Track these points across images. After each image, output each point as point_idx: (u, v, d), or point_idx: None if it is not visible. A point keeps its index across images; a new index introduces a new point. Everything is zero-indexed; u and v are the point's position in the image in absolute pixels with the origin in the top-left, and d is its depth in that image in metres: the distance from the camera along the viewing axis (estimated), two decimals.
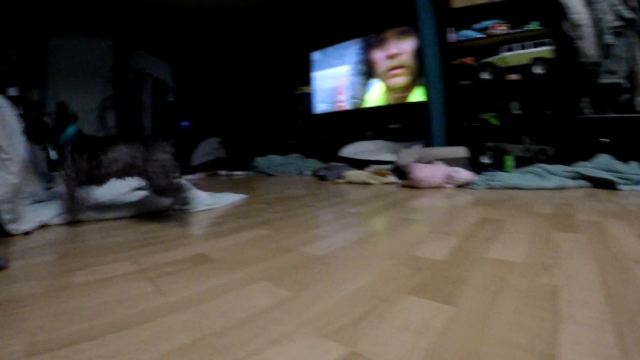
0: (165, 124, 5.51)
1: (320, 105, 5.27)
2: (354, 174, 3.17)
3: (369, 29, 4.68)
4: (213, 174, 4.55)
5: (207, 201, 2.14)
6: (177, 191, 1.77)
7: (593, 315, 0.76)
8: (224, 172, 4.54)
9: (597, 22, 2.97)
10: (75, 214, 1.80)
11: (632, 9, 2.91)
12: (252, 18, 5.08)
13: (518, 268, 1.06)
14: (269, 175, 4.17)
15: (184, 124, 5.43)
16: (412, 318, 0.74)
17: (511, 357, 0.61)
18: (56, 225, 1.82)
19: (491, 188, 2.52)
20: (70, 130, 1.76)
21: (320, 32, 5.20)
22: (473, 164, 3.23)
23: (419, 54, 4.10)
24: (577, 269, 1.05)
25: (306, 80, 5.43)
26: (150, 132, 5.30)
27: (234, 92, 5.90)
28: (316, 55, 5.30)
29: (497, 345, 0.65)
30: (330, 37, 5.11)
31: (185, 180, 3.49)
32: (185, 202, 1.80)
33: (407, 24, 4.26)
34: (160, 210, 2.02)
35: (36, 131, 1.74)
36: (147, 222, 1.84)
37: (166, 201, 1.86)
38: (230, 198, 2.29)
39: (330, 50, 5.13)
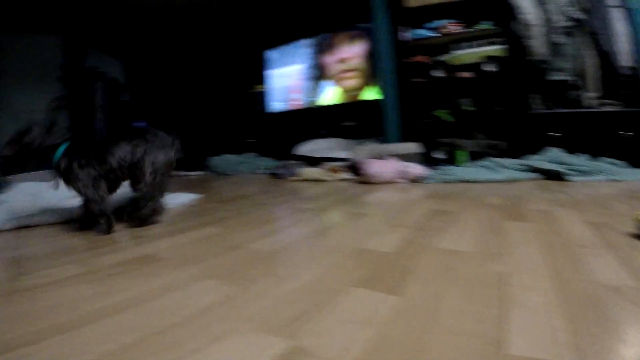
0: (119, 124, 5.30)
1: (275, 104, 5.19)
2: (308, 172, 3.13)
3: (323, 28, 4.65)
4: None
5: None
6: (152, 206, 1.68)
7: (542, 300, 0.75)
8: (180, 173, 4.40)
9: (547, 22, 3.05)
10: (109, 225, 1.59)
11: (581, 10, 3.00)
12: (207, 15, 4.95)
13: (467, 257, 1.05)
14: (225, 174, 4.08)
15: (139, 124, 5.24)
16: (357, 310, 0.73)
17: (457, 345, 0.60)
18: (3, 231, 1.71)
19: (444, 182, 2.54)
20: (61, 149, 1.58)
21: (274, 31, 5.12)
22: (427, 160, 3.26)
23: (371, 56, 4.14)
24: (527, 256, 1.05)
25: (261, 79, 5.33)
26: (103, 133, 5.06)
27: (190, 91, 5.74)
28: (270, 54, 5.22)
29: (443, 333, 0.64)
30: (285, 36, 5.03)
31: None
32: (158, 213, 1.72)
33: (360, 22, 4.24)
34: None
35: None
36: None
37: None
38: (183, 198, 2.24)
39: (284, 49, 5.06)
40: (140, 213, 1.64)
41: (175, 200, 2.16)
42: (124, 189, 1.73)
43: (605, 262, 0.97)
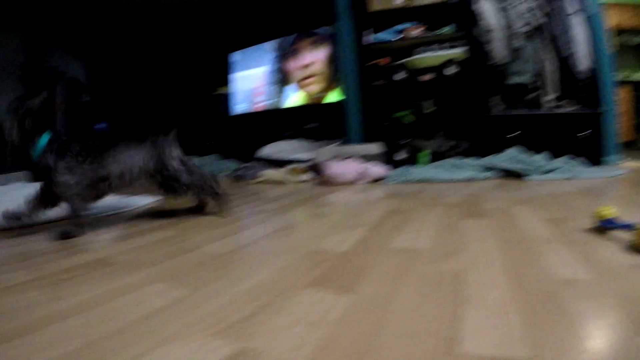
0: (80, 125, 5.09)
1: (239, 106, 5.10)
2: (270, 173, 3.07)
3: (287, 31, 4.61)
4: None
5: (118, 204, 1.98)
6: (208, 185, 1.63)
7: (497, 296, 0.73)
8: None
9: (507, 27, 3.10)
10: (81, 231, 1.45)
11: (541, 15, 3.05)
12: (171, 16, 4.84)
13: (423, 255, 1.02)
14: None
15: (100, 125, 5.12)
16: (307, 310, 0.71)
17: (408, 344, 0.58)
18: None
19: (404, 182, 2.51)
20: (44, 139, 1.40)
21: (239, 33, 5.05)
22: (389, 160, 3.26)
23: (333, 61, 4.13)
24: (483, 252, 1.02)
25: (225, 81, 5.23)
26: (64, 135, 4.83)
27: (152, 92, 5.58)
28: (234, 56, 5.13)
29: (395, 332, 0.62)
30: (249, 39, 4.97)
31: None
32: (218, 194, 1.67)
33: (324, 25, 4.22)
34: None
35: None
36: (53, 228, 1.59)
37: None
38: (141, 201, 2.15)
39: (248, 51, 5.00)
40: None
41: (135, 203, 2.08)
42: None
43: (561, 257, 0.94)
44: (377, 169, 2.59)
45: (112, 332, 0.67)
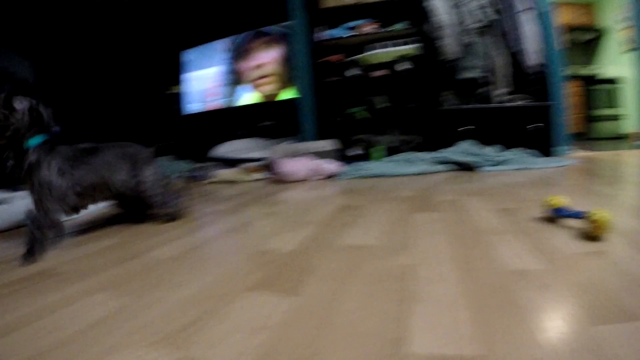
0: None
1: (193, 105, 4.94)
2: (224, 173, 2.97)
3: (241, 28, 4.50)
4: None
5: None
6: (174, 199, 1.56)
7: (447, 291, 0.71)
8: None
9: (459, 23, 3.11)
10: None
11: (493, 12, 3.09)
12: (123, 14, 4.67)
13: (372, 252, 0.97)
14: None
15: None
16: (249, 315, 0.68)
17: (353, 346, 0.56)
18: None
19: (357, 178, 2.46)
20: (36, 140, 1.26)
21: (192, 32, 4.90)
22: (343, 156, 3.24)
23: (287, 61, 4.08)
24: (433, 246, 0.97)
25: (178, 80, 5.06)
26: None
27: (105, 92, 5.32)
28: (187, 55, 4.97)
29: (340, 334, 0.59)
30: (202, 37, 4.82)
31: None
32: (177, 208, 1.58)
33: (277, 23, 4.14)
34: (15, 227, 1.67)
35: None
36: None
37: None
38: (91, 207, 1.96)
39: (202, 50, 4.85)
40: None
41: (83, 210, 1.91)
42: None
43: (512, 248, 0.91)
44: (330, 166, 2.52)
45: (53, 346, 0.64)
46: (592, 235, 0.93)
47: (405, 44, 3.34)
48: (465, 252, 0.90)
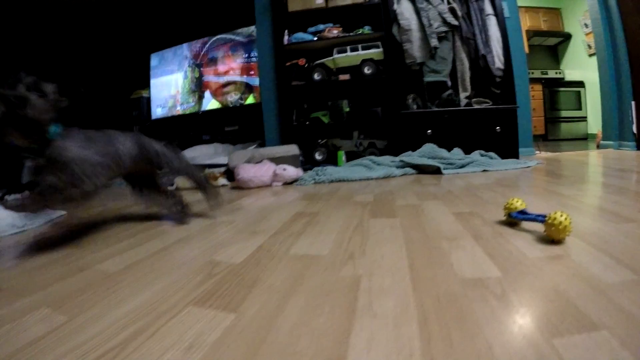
0: None
1: (158, 110, 4.80)
2: (183, 180, 2.82)
3: (208, 32, 4.43)
4: None
5: (19, 222, 1.72)
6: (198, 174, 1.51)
7: (396, 304, 0.65)
8: None
9: (424, 27, 3.10)
10: None
11: (457, 16, 3.10)
12: (86, 16, 4.52)
13: (322, 262, 0.90)
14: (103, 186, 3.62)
15: None
16: (185, 333, 0.63)
17: None
18: None
19: (319, 183, 2.39)
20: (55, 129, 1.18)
21: (157, 35, 4.79)
22: (307, 161, 3.23)
23: (250, 68, 4.06)
24: (387, 255, 0.91)
25: (143, 84, 4.91)
26: None
27: (68, 96, 5.10)
28: (153, 59, 4.84)
29: (277, 353, 0.55)
30: (167, 41, 4.73)
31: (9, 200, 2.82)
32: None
33: (243, 26, 4.09)
34: None
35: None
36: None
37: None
38: (45, 217, 1.90)
39: (166, 54, 4.74)
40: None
41: (35, 220, 1.84)
42: None
43: (470, 254, 0.85)
44: (292, 171, 2.44)
45: None
46: (552, 239, 0.87)
47: (371, 47, 3.31)
48: (419, 260, 0.84)
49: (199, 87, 4.48)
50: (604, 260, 0.76)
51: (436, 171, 2.41)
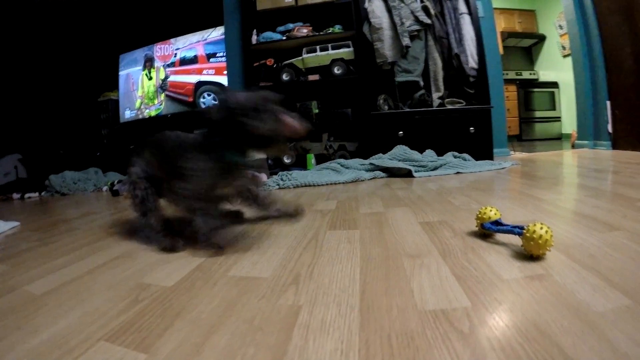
0: None
1: (127, 113, 4.60)
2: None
3: (176, 32, 4.28)
4: (5, 198, 3.65)
5: None
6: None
7: (335, 347, 0.53)
8: (16, 196, 3.65)
9: (396, 26, 3.00)
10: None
11: (430, 15, 3.00)
12: (52, 14, 4.31)
13: (261, 286, 0.77)
14: (63, 194, 3.44)
15: None
16: None
17: None
18: None
19: (284, 188, 2.24)
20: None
21: (125, 35, 4.62)
22: (276, 164, 3.12)
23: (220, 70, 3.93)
24: (336, 277, 0.78)
25: (112, 85, 4.71)
26: None
27: (35, 99, 4.85)
28: (122, 59, 4.65)
29: None
30: (136, 41, 4.55)
31: None
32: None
33: (212, 26, 3.95)
34: None
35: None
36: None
37: None
38: None
39: (136, 53, 4.56)
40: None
41: None
42: None
43: (435, 276, 0.72)
44: (257, 176, 2.29)
45: None
46: (531, 254, 0.74)
47: (341, 47, 3.22)
48: (374, 285, 0.71)
49: (166, 88, 4.31)
50: (591, 281, 0.64)
51: (407, 174, 2.31)
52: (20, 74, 4.84)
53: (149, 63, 4.48)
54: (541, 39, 5.97)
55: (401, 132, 2.90)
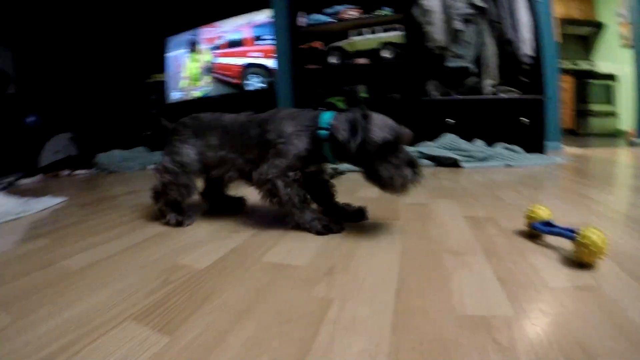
0: (7, 120, 4.57)
1: (174, 94, 4.71)
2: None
3: (224, 14, 4.28)
4: (55, 175, 3.83)
5: (14, 210, 1.70)
6: None
7: (362, 349, 0.50)
8: (65, 173, 3.84)
9: (448, 9, 2.90)
10: None
11: None
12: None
13: (294, 274, 0.76)
14: (111, 172, 3.58)
15: (30, 119, 4.59)
16: (111, 354, 0.54)
17: None
18: None
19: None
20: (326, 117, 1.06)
21: (172, 18, 4.68)
22: None
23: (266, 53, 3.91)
24: (373, 271, 0.76)
25: (161, 68, 4.82)
26: None
27: (86, 80, 5.07)
28: (169, 42, 4.75)
29: None
30: (184, 24, 4.61)
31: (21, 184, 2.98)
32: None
33: (258, 9, 3.92)
34: None
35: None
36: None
37: None
38: (44, 203, 1.87)
39: (183, 36, 4.64)
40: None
41: (32, 206, 1.79)
42: None
43: (477, 277, 0.69)
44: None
45: None
46: (581, 261, 0.71)
47: (390, 30, 3.15)
48: (411, 283, 0.69)
49: (213, 70, 4.36)
50: None
51: (455, 164, 2.25)
52: (74, 58, 5.04)
53: (193, 46, 4.54)
54: (599, 27, 5.61)
55: (451, 120, 2.82)
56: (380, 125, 0.97)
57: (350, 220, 1.14)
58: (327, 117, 1.04)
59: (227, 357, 0.50)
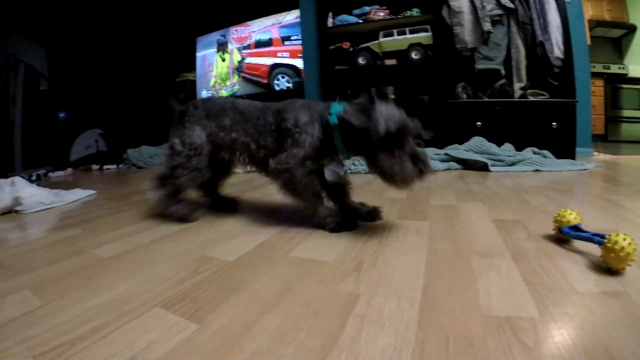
0: (39, 116, 4.74)
1: (203, 93, 4.80)
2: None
3: (250, 15, 4.34)
4: (85, 169, 3.98)
5: (46, 200, 1.77)
6: None
7: (389, 343, 0.51)
8: (96, 167, 3.97)
9: (476, 10, 2.86)
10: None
11: None
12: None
13: (322, 270, 0.79)
14: (139, 167, 3.68)
15: (62, 115, 4.75)
16: (139, 339, 0.56)
17: None
18: None
19: (354, 173, 2.26)
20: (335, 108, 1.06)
21: (202, 18, 4.77)
22: None
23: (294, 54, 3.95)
24: (400, 269, 0.78)
25: (190, 67, 4.91)
26: (20, 126, 4.48)
27: (116, 78, 5.21)
28: (200, 41, 4.84)
29: None
30: (213, 24, 4.69)
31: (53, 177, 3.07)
32: None
33: (287, 9, 3.96)
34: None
35: None
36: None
37: None
38: (75, 195, 1.97)
39: (213, 36, 4.71)
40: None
41: (63, 198, 1.88)
42: None
43: (504, 279, 0.70)
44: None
45: None
46: (609, 267, 0.71)
47: (419, 31, 3.14)
48: (439, 282, 0.70)
49: (242, 70, 4.42)
50: None
51: (483, 168, 2.24)
52: (105, 57, 5.18)
53: (222, 46, 4.60)
54: (632, 29, 5.43)
55: (479, 123, 2.80)
56: (386, 115, 0.93)
57: (364, 220, 1.15)
58: (337, 107, 1.04)
59: (254, 346, 0.52)
